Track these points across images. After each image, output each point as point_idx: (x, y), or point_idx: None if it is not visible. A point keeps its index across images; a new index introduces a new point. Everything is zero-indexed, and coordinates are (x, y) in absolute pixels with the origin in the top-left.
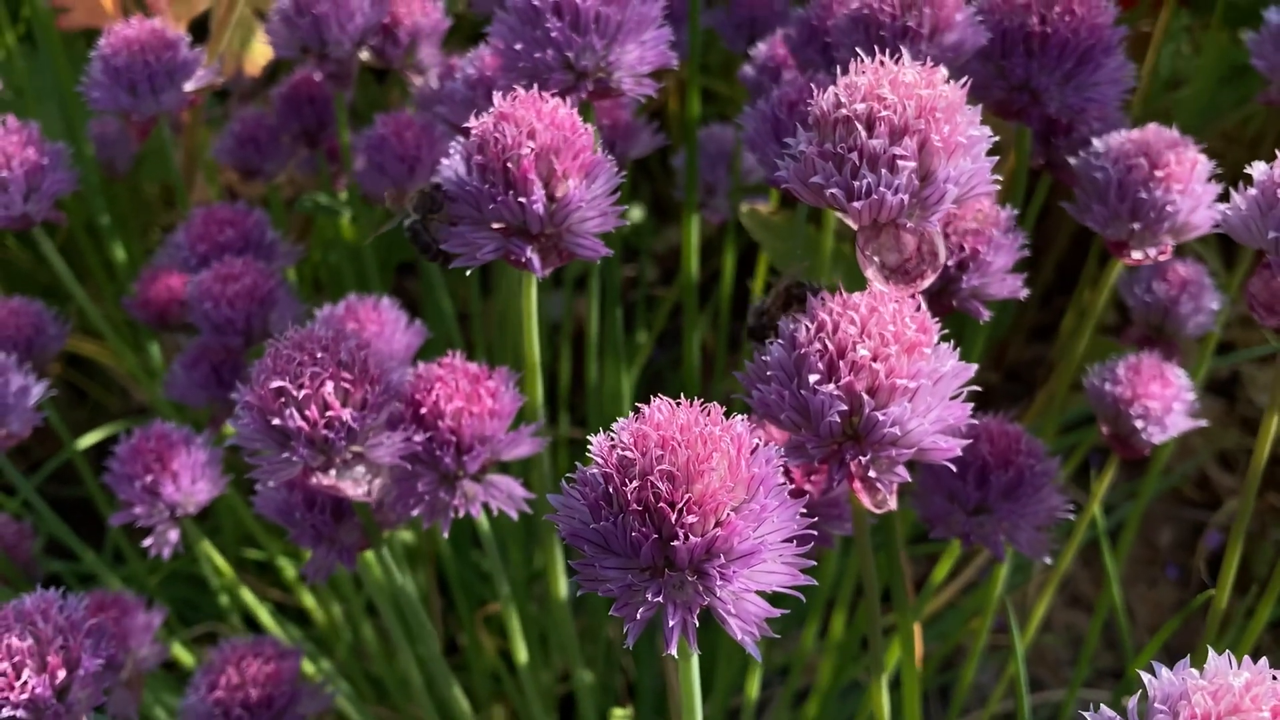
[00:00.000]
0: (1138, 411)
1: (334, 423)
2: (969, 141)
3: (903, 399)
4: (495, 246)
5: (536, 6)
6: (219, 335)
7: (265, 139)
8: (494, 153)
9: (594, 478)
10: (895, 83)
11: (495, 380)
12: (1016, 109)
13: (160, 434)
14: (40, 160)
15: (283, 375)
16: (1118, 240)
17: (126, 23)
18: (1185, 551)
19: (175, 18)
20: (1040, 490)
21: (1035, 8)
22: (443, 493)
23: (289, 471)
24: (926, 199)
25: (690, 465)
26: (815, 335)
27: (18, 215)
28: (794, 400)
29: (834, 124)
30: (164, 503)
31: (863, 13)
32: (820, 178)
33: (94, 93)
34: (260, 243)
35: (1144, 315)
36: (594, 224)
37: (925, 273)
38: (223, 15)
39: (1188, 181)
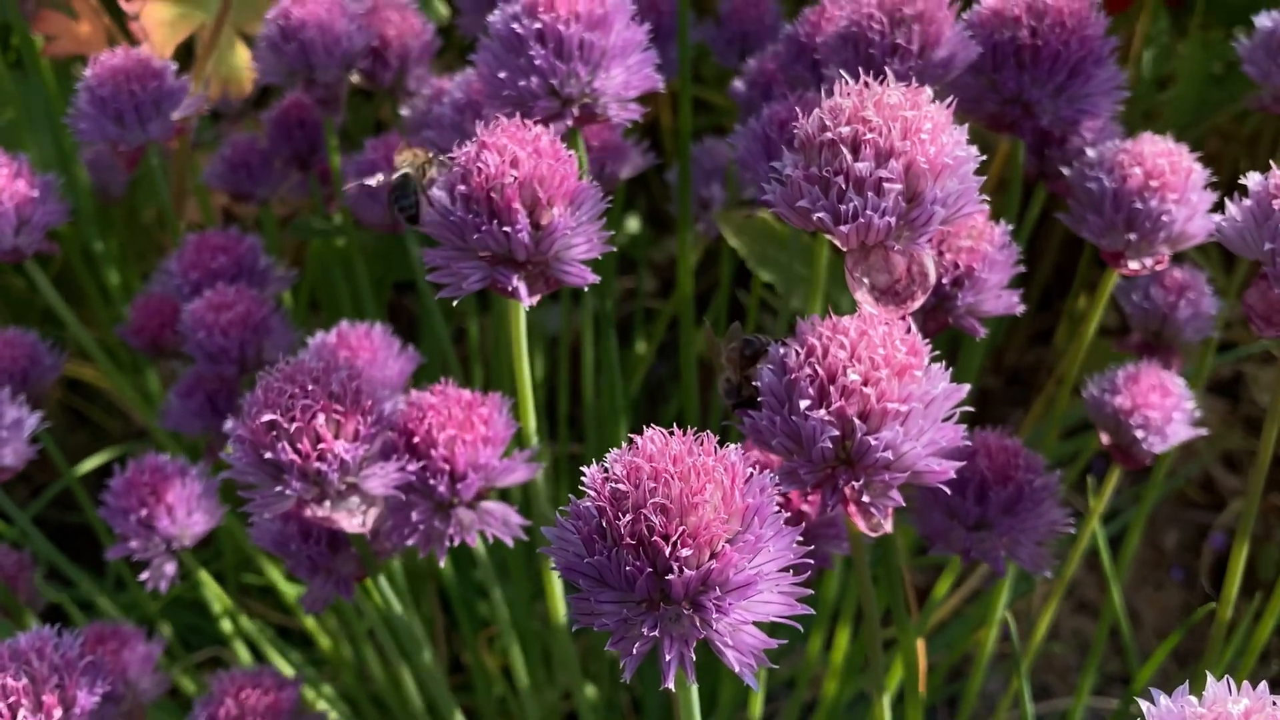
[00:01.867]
0: (1138, 422)
1: (326, 455)
2: (955, 162)
3: (895, 423)
4: (482, 276)
5: (520, 34)
6: (213, 364)
7: (257, 163)
8: (477, 182)
9: (587, 510)
10: (880, 105)
11: (488, 407)
12: (1009, 122)
13: (155, 467)
14: (30, 193)
15: (273, 408)
16: (1114, 251)
17: (111, 52)
18: (1190, 554)
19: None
20: (1040, 505)
21: (1026, 21)
22: (437, 522)
23: (282, 505)
24: (914, 220)
25: (684, 497)
26: (805, 360)
27: (9, 249)
28: (785, 426)
29: (819, 147)
30: (159, 536)
31: (851, 30)
32: (807, 201)
33: (81, 124)
34: (253, 269)
35: (1142, 321)
36: (580, 251)
37: (916, 294)
38: (208, 40)
39: (1183, 191)
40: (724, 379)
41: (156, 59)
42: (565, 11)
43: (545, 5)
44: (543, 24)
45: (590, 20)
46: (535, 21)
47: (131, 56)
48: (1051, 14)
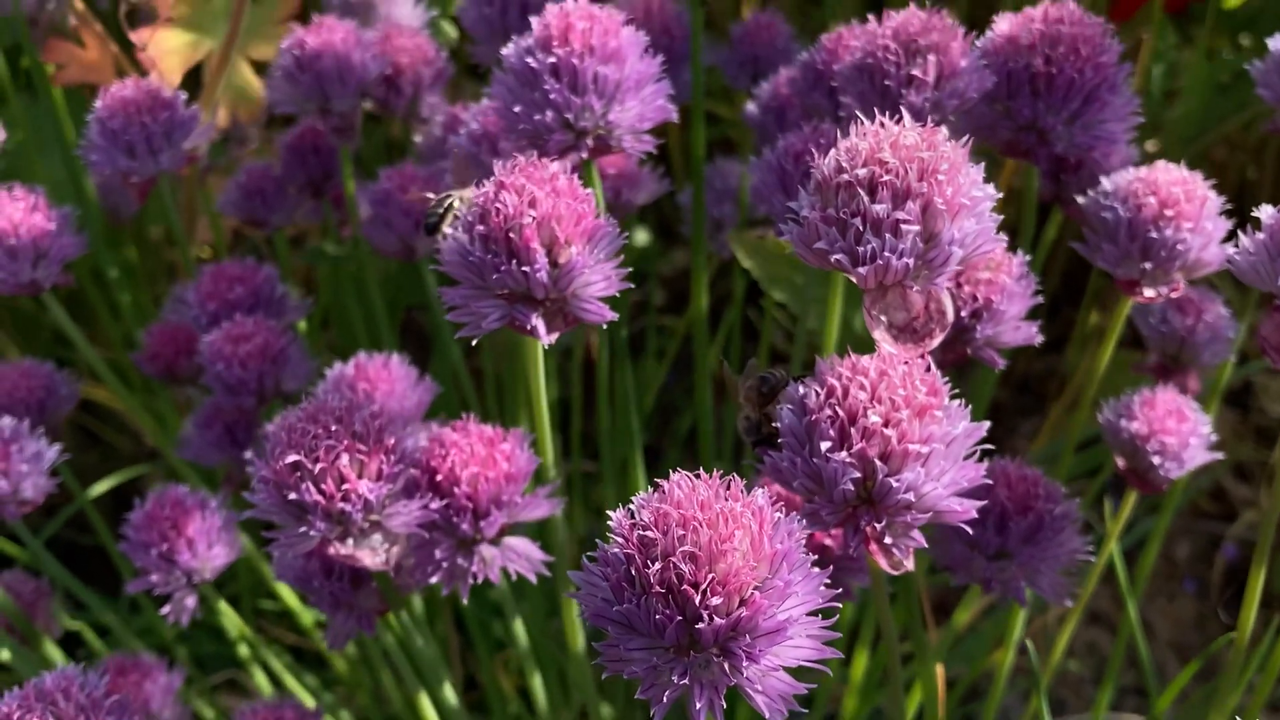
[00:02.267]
0: (1154, 448)
1: (350, 495)
2: (973, 202)
3: (916, 464)
4: (500, 314)
5: (534, 68)
6: (232, 396)
7: (271, 190)
8: (495, 222)
9: (615, 557)
10: (896, 146)
11: (510, 443)
12: (1024, 149)
13: (175, 500)
14: (47, 226)
15: (297, 449)
16: (1129, 279)
17: (121, 84)
18: (1203, 565)
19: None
20: (1060, 534)
21: (1040, 49)
22: (460, 559)
23: (306, 545)
24: (932, 261)
25: (713, 545)
26: (825, 401)
27: (27, 282)
28: (807, 467)
29: (836, 189)
30: (180, 570)
31: (867, 62)
32: (825, 243)
33: (92, 156)
34: (270, 298)
35: (1160, 344)
36: (598, 288)
37: (934, 331)
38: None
39: (1198, 219)
40: (743, 416)
41: (166, 90)
42: (579, 45)
43: (559, 39)
44: (557, 58)
45: (604, 54)
46: (549, 56)
47: (141, 88)
48: (1065, 42)
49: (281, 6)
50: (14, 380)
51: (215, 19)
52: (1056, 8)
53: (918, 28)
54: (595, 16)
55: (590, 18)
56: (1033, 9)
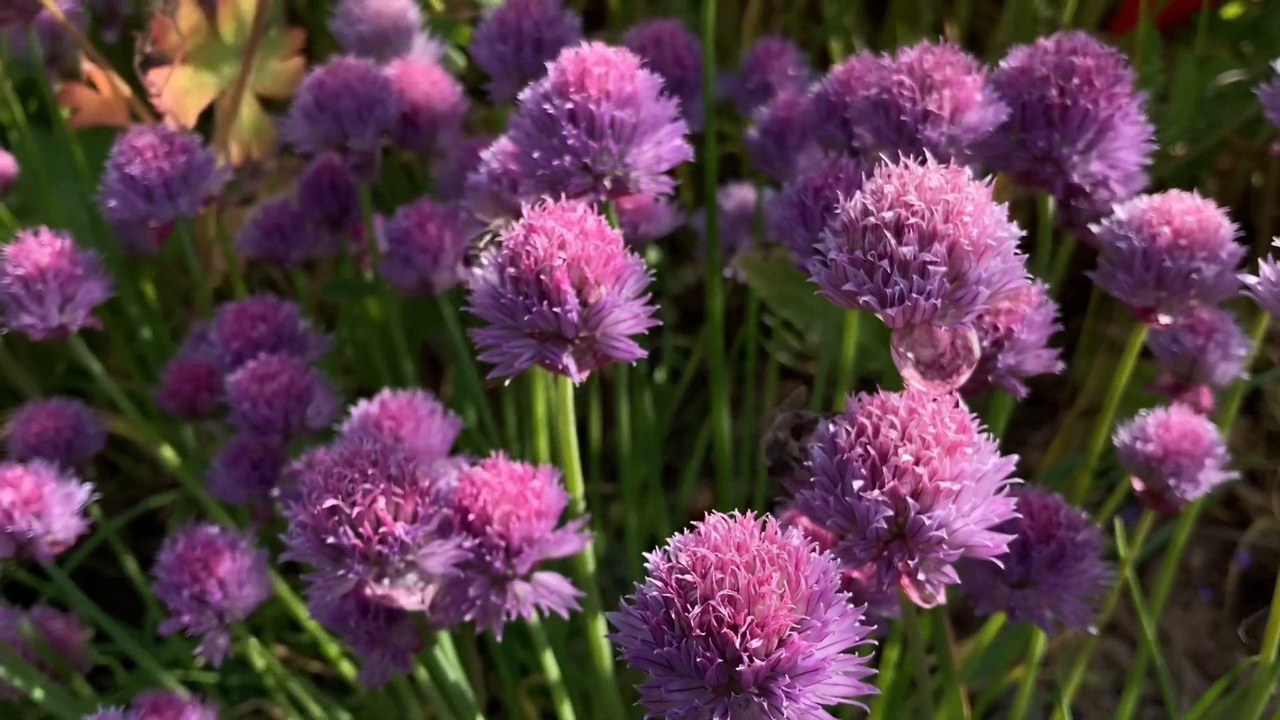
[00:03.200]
0: (1170, 469)
1: (387, 538)
2: (997, 242)
3: (947, 501)
4: (532, 354)
5: (552, 114)
6: (259, 435)
7: (289, 227)
8: (526, 265)
9: (654, 600)
10: (921, 188)
11: (540, 480)
12: (1041, 179)
13: (205, 540)
14: (74, 270)
15: (335, 494)
16: (1145, 307)
17: (139, 130)
18: (1217, 572)
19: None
20: (1082, 561)
21: (1054, 80)
22: (494, 596)
23: (344, 587)
24: (959, 300)
25: (750, 588)
26: (856, 440)
27: (54, 326)
28: (839, 505)
29: (863, 231)
30: (212, 610)
31: (882, 98)
32: (853, 285)
33: (111, 201)
34: (292, 336)
35: (1172, 364)
36: (627, 326)
37: (961, 368)
38: (228, 106)
39: (1213, 247)
40: (770, 435)
41: (183, 135)
42: (595, 91)
43: (576, 85)
44: (574, 104)
45: (620, 98)
46: (566, 102)
47: (159, 133)
48: (1079, 73)
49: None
50: (43, 421)
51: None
52: (1069, 39)
53: (931, 64)
54: (611, 61)
55: (606, 63)
56: (1045, 40)
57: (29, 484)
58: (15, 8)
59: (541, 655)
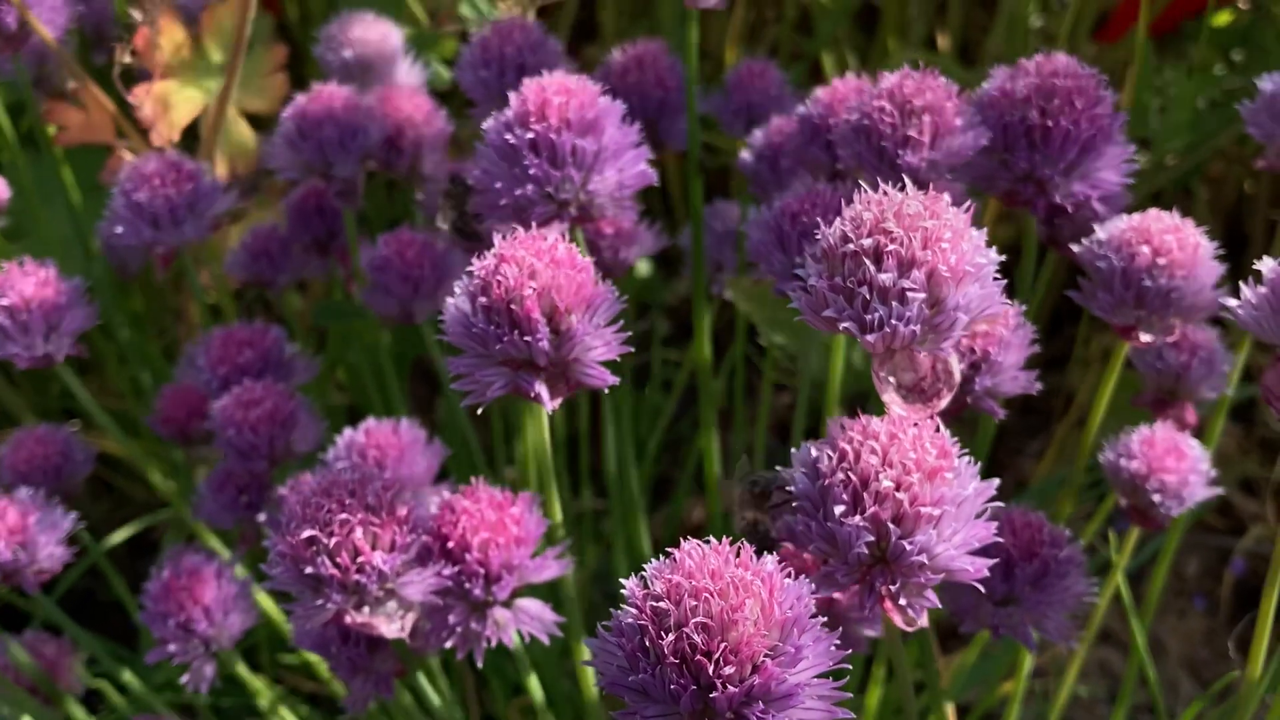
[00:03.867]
0: (1154, 486)
1: (365, 567)
2: (976, 268)
3: (928, 526)
4: (505, 382)
5: (514, 144)
6: (244, 460)
7: (277, 252)
8: (497, 294)
9: (630, 627)
10: (900, 215)
11: (519, 506)
12: (1024, 199)
13: (191, 569)
14: (58, 299)
15: (312, 524)
16: (1125, 325)
17: (145, 157)
18: (1212, 580)
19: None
20: (1065, 578)
21: (1035, 101)
22: (474, 623)
23: (324, 616)
24: (939, 326)
25: (724, 615)
26: (838, 465)
27: (40, 355)
28: (821, 530)
29: (842, 257)
30: (198, 638)
31: (863, 124)
32: (833, 311)
33: (117, 228)
34: (279, 361)
35: (1156, 380)
36: (599, 353)
37: (941, 392)
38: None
39: (1191, 266)
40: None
41: (189, 162)
42: (556, 120)
43: (536, 114)
44: (535, 133)
45: (581, 126)
46: (527, 131)
47: (166, 161)
48: (1060, 94)
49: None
50: (31, 447)
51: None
52: (1050, 61)
53: (912, 89)
54: (571, 90)
55: (566, 91)
56: (1027, 61)
57: (14, 514)
58: (4, 38)
59: (525, 679)
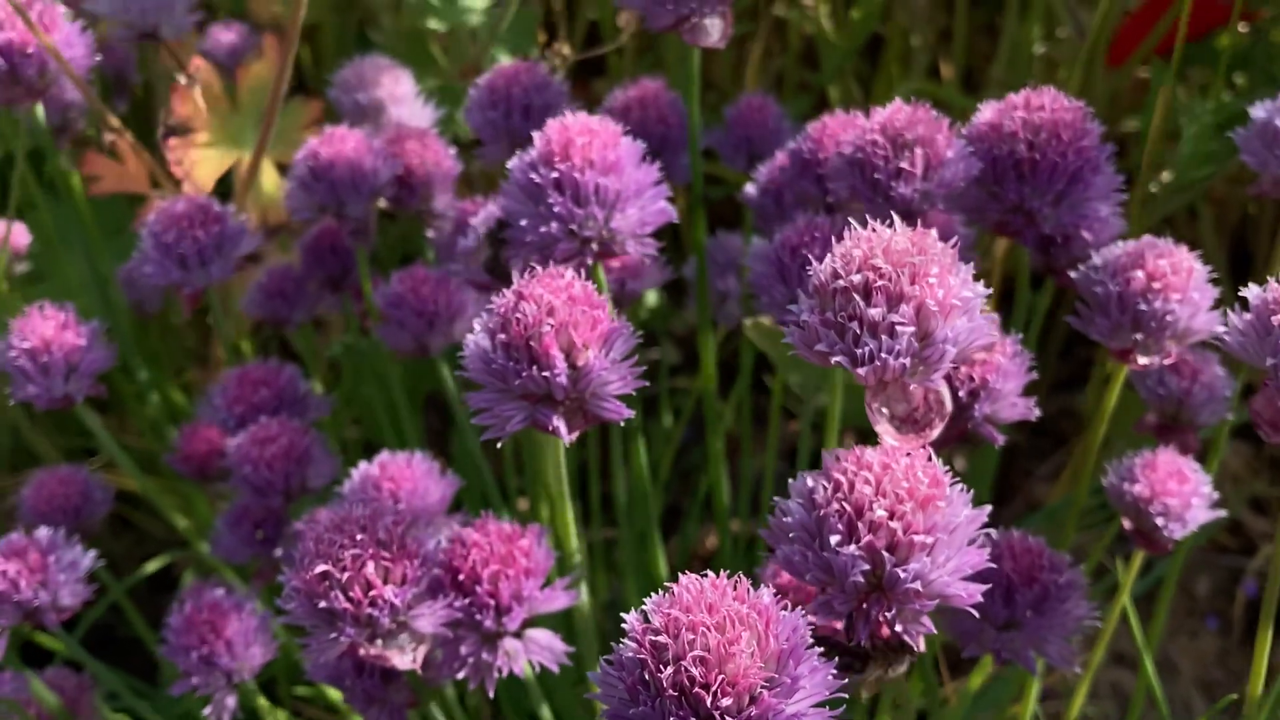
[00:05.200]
0: (1157, 510)
1: (377, 601)
2: (963, 302)
3: (922, 553)
4: (524, 416)
5: (538, 183)
6: (260, 497)
7: (291, 290)
8: (516, 331)
9: (630, 660)
10: (889, 251)
11: (529, 538)
12: (1014, 229)
13: (212, 603)
14: (78, 341)
15: (325, 559)
16: (1123, 349)
17: (174, 199)
18: (1224, 599)
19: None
20: (1066, 602)
21: (1023, 135)
22: (485, 654)
23: (337, 649)
24: (928, 358)
25: (721, 648)
26: (832, 495)
27: (60, 396)
28: (817, 560)
29: (833, 293)
30: (220, 671)
31: (856, 156)
32: (824, 345)
33: (146, 268)
34: (294, 399)
35: (1158, 406)
36: (615, 387)
37: (934, 422)
38: (245, 174)
39: (1185, 290)
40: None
41: (217, 204)
42: (579, 160)
43: (560, 154)
44: (559, 173)
45: (603, 166)
46: (552, 171)
47: (194, 203)
48: (1047, 128)
49: (305, 113)
50: (51, 488)
51: (244, 129)
52: (1038, 95)
53: (904, 122)
54: (594, 130)
55: (589, 132)
56: (1015, 96)
57: (35, 554)
58: (24, 86)
59: (538, 708)
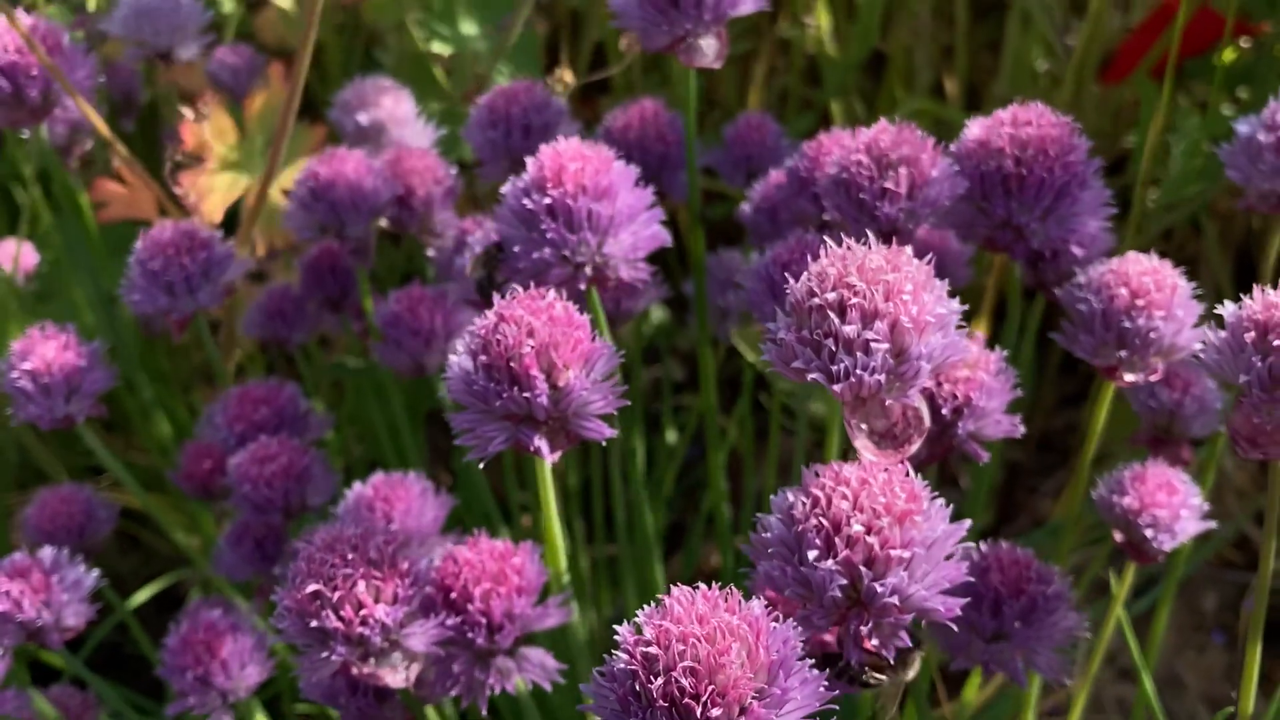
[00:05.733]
0: (1146, 521)
1: (368, 620)
2: (937, 319)
3: (899, 568)
4: (506, 437)
5: (531, 209)
6: (260, 514)
7: (291, 311)
8: (497, 352)
9: (622, 672)
10: (863, 269)
11: (520, 556)
12: (1003, 245)
13: (209, 624)
14: (78, 362)
15: (316, 578)
16: (1108, 365)
17: (161, 226)
18: (1230, 614)
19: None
20: (1054, 614)
21: (1010, 151)
22: (478, 671)
23: (330, 668)
24: (903, 375)
25: (711, 659)
26: (811, 511)
27: (61, 416)
28: (796, 575)
29: (809, 311)
30: (216, 691)
31: (843, 176)
32: (801, 362)
33: (134, 296)
34: (294, 417)
35: (1150, 419)
36: (597, 407)
37: (912, 437)
38: (253, 202)
39: (1169, 307)
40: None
41: (204, 230)
42: (572, 186)
43: (553, 180)
44: (552, 199)
45: (596, 191)
46: (545, 197)
47: (179, 229)
48: (1034, 144)
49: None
50: (55, 506)
51: (251, 156)
52: (1025, 111)
53: (889, 142)
54: (586, 156)
55: (581, 158)
56: (1002, 112)
57: (38, 574)
58: (27, 109)
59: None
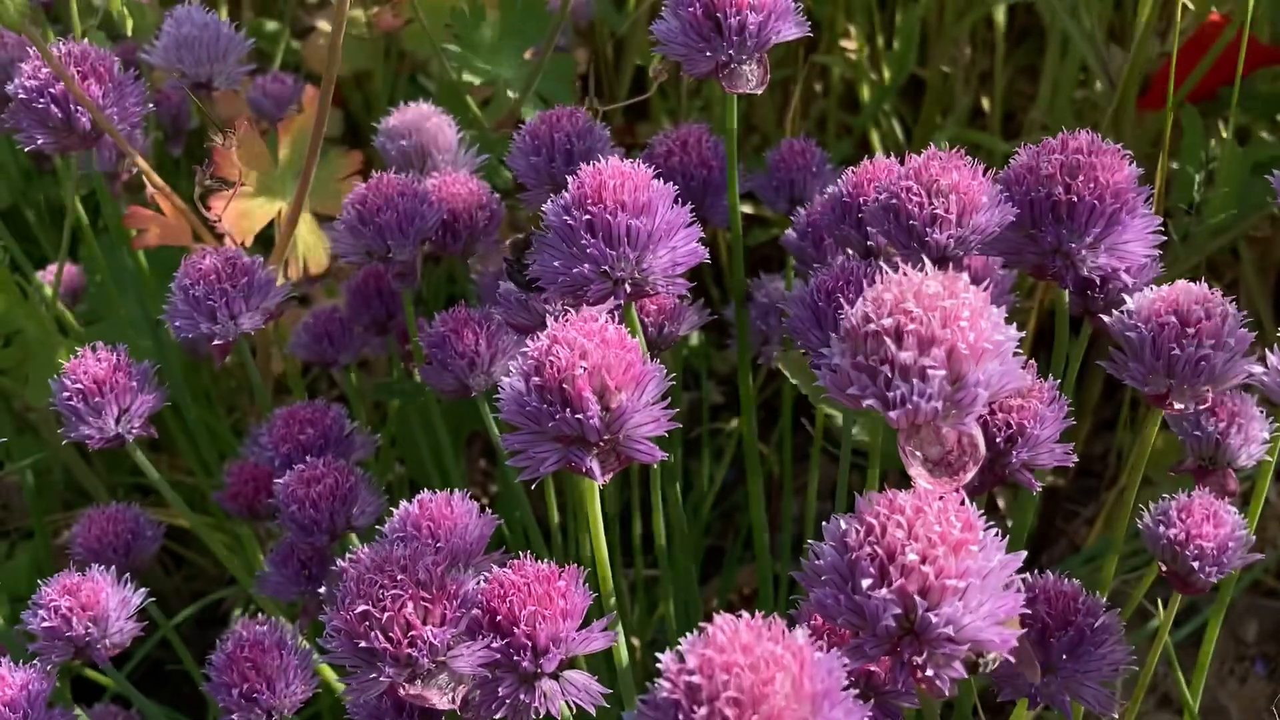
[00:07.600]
0: (1193, 553)
1: (417, 641)
2: (995, 345)
3: (954, 598)
4: (558, 458)
5: (572, 225)
6: (306, 535)
7: (337, 332)
8: (550, 374)
9: (665, 701)
10: (919, 295)
11: (566, 580)
12: (1052, 273)
13: (254, 640)
14: (129, 383)
15: (366, 599)
16: (1157, 394)
17: (202, 253)
18: (1273, 643)
19: (242, 234)
20: (1101, 646)
21: (1060, 178)
22: (523, 694)
23: (378, 688)
24: (960, 402)
25: (755, 689)
26: (865, 539)
27: (111, 436)
28: (849, 604)
29: (864, 338)
30: (261, 708)
31: (892, 203)
32: (856, 389)
33: (176, 321)
34: (339, 438)
35: (1196, 449)
36: (648, 429)
37: (967, 465)
38: (286, 227)
39: (1219, 335)
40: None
41: (245, 256)
42: (612, 203)
43: (593, 197)
44: (592, 215)
45: (635, 208)
46: (585, 213)
47: (222, 255)
48: (1085, 170)
49: (345, 164)
50: (102, 525)
51: (283, 182)
52: (1075, 138)
53: (938, 168)
54: (626, 174)
55: (621, 175)
56: (1051, 139)
57: (86, 591)
58: (77, 135)
59: None
